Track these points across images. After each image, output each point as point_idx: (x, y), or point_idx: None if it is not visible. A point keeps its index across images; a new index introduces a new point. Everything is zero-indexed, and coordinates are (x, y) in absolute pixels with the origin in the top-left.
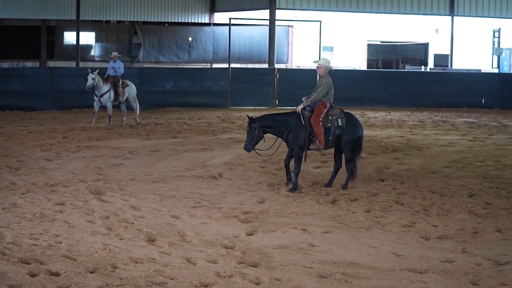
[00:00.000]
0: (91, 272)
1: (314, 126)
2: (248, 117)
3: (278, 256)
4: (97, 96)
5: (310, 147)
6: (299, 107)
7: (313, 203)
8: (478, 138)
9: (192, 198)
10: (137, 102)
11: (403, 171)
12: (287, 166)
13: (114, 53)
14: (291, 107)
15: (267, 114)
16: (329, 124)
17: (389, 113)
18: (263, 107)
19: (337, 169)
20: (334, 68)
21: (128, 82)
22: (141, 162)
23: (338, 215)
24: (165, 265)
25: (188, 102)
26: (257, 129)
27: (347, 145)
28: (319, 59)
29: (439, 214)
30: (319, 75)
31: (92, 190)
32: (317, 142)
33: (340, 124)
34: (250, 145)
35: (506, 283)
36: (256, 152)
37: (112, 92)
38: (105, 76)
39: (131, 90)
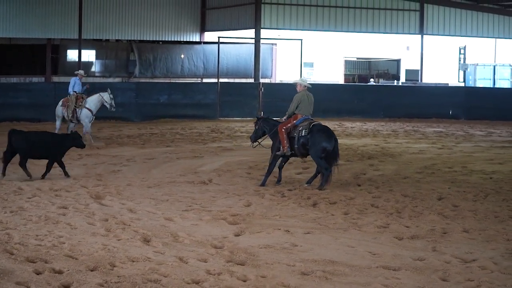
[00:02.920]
0: (92, 270)
1: (279, 133)
2: (256, 116)
3: (263, 255)
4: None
5: (277, 152)
6: (283, 118)
7: (295, 206)
8: (446, 146)
9: (184, 202)
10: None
11: (378, 176)
12: (280, 167)
13: (81, 71)
14: (275, 118)
15: (271, 119)
16: (295, 134)
17: (365, 123)
18: (249, 118)
19: (317, 172)
20: (309, 83)
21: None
22: (138, 169)
23: (319, 217)
24: (159, 264)
25: (180, 113)
26: (258, 126)
27: (312, 154)
28: (299, 78)
29: (411, 216)
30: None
31: (93, 194)
32: (281, 147)
33: (303, 134)
34: (252, 137)
35: (473, 279)
36: (259, 144)
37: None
38: (74, 92)
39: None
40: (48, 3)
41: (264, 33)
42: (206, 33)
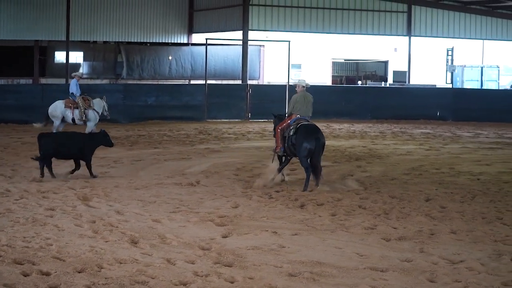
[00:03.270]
0: (79, 272)
1: (276, 134)
2: (273, 114)
3: (251, 257)
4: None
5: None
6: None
7: (282, 208)
8: (433, 148)
9: (172, 203)
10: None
11: (365, 178)
12: (278, 170)
13: (79, 73)
14: (263, 120)
15: (282, 116)
16: (285, 134)
17: (352, 125)
18: (237, 120)
19: (312, 172)
20: (309, 85)
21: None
22: (125, 171)
23: (306, 218)
24: (147, 265)
25: (168, 115)
26: (275, 124)
27: (297, 153)
28: (298, 79)
29: (398, 217)
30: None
31: (80, 196)
32: (276, 147)
33: (291, 134)
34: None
35: (460, 280)
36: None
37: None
38: (79, 95)
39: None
40: (36, 5)
41: (251, 34)
42: (193, 34)
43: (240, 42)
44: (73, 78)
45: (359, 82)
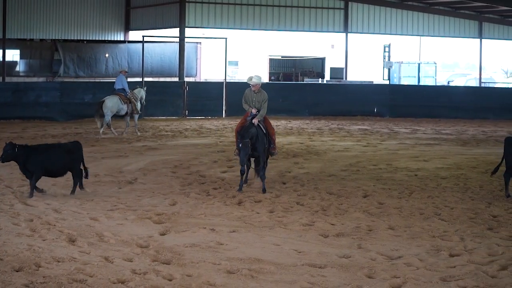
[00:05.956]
0: (17, 271)
1: (272, 135)
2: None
3: (189, 254)
4: None
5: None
6: (255, 120)
7: (220, 205)
8: (371, 144)
9: (110, 201)
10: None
11: (303, 174)
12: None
13: (125, 68)
14: (200, 117)
15: (244, 127)
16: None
17: (290, 121)
18: (174, 117)
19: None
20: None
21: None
22: None
23: (244, 215)
24: (85, 264)
25: None
26: (250, 143)
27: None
28: (253, 77)
29: (336, 213)
30: (254, 92)
31: (17, 195)
32: (275, 148)
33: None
34: (246, 159)
35: (399, 276)
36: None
37: None
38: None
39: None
40: None
41: (188, 31)
42: (130, 32)
43: (177, 39)
44: (120, 73)
45: (272, 78)
